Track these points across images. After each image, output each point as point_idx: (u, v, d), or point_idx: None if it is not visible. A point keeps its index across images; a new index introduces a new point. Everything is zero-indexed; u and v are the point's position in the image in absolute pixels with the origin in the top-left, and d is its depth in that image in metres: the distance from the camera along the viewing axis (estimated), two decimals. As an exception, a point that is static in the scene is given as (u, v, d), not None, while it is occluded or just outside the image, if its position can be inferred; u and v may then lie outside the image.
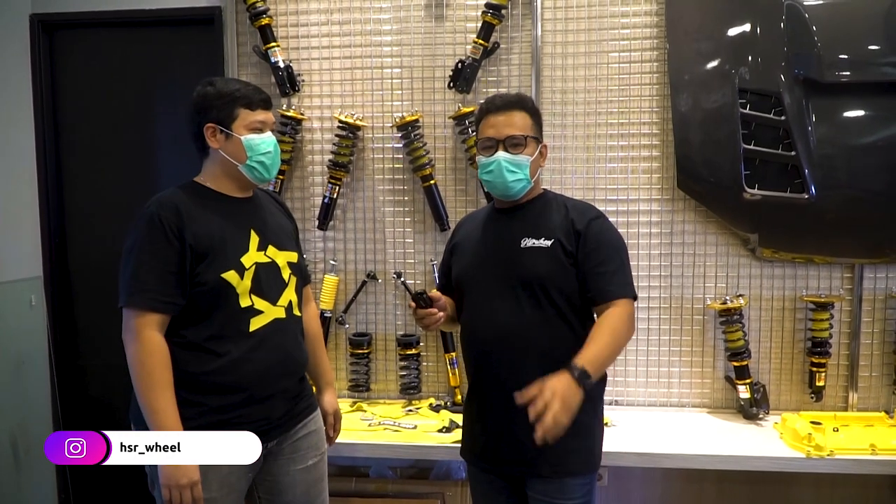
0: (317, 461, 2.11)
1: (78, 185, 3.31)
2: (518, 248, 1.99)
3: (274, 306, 1.96)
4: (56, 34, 3.26)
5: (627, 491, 2.97)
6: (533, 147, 2.02)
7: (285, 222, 2.14)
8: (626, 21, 2.86)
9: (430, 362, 3.04)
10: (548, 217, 2.03)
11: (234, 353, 1.88)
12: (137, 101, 3.25)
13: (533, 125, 2.03)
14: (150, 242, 1.83)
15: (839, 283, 2.83)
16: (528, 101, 2.08)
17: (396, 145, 2.98)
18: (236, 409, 1.89)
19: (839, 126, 2.66)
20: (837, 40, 2.64)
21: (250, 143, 1.94)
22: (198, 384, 1.86)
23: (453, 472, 2.95)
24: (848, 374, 2.84)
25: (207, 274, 1.86)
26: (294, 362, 2.02)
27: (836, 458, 2.42)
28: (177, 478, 1.79)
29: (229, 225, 1.94)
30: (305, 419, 2.08)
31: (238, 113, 1.94)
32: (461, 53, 2.90)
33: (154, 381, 1.80)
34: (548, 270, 1.96)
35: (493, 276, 2.03)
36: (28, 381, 3.22)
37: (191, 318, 1.87)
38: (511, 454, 2.00)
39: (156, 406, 1.80)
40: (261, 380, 1.92)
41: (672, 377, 2.93)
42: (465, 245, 2.15)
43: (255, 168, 1.96)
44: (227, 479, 1.90)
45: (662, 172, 2.88)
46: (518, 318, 1.97)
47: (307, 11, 3.00)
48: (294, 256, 2.07)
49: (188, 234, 1.84)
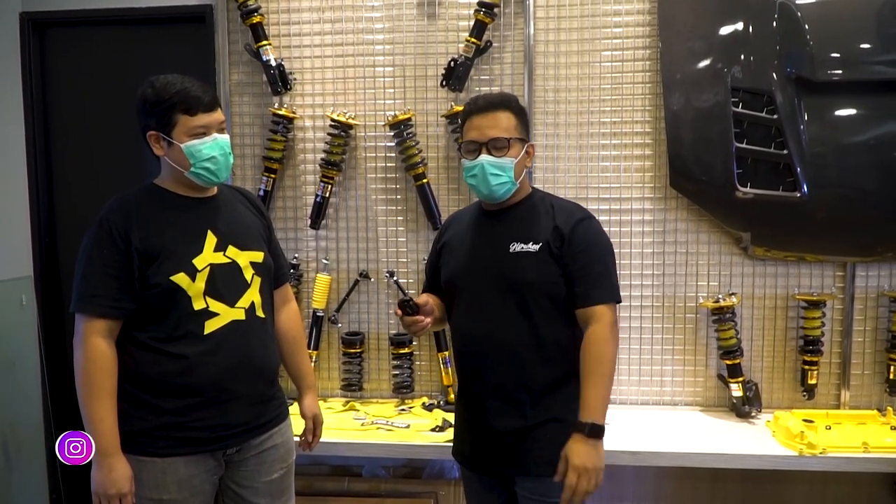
0: (283, 473, 2.06)
1: (68, 184, 3.30)
2: (507, 254, 1.98)
3: (232, 308, 1.91)
4: (46, 32, 3.24)
5: (620, 489, 2.98)
6: (518, 148, 1.99)
7: (253, 221, 2.07)
8: (618, 20, 2.86)
9: (422, 361, 3.04)
10: (535, 220, 2.01)
11: (189, 356, 1.85)
12: (128, 100, 3.19)
13: (518, 125, 2.00)
14: (98, 247, 1.83)
15: (831, 281, 2.84)
16: (512, 100, 2.04)
17: (389, 144, 2.98)
18: (191, 412, 1.86)
19: (831, 125, 2.67)
20: (830, 39, 2.64)
21: (191, 150, 1.87)
22: (153, 386, 1.85)
23: (446, 471, 2.95)
24: (840, 372, 2.85)
25: (157, 276, 1.83)
26: (256, 365, 1.96)
27: (828, 456, 2.42)
28: (105, 487, 1.80)
29: (183, 227, 1.91)
30: (272, 429, 2.02)
31: (177, 119, 1.85)
32: (454, 52, 2.89)
33: (94, 388, 1.80)
34: (536, 276, 1.95)
35: (482, 280, 2.02)
36: (19, 380, 3.20)
37: (146, 320, 1.86)
38: (499, 455, 2.01)
39: (92, 414, 1.80)
40: (216, 383, 1.88)
41: (665, 375, 2.94)
42: (453, 246, 2.13)
43: (200, 174, 1.90)
44: (187, 482, 1.88)
45: (655, 171, 2.88)
46: (507, 322, 1.97)
47: (299, 9, 2.98)
48: (259, 256, 2.00)
49: (135, 238, 1.83)
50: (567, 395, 1.94)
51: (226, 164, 1.94)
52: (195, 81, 1.90)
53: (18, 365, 3.19)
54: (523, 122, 2.03)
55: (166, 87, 1.86)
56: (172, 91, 1.85)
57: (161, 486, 1.85)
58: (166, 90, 1.86)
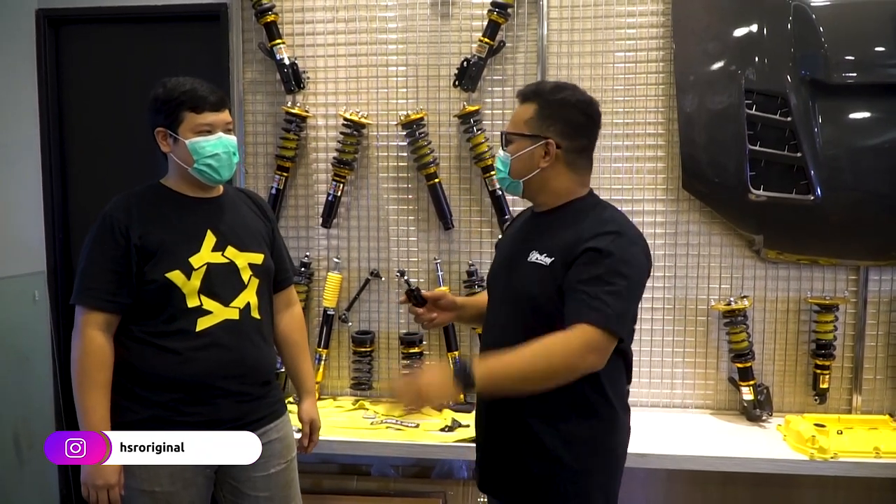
0: (281, 469, 2.06)
1: (82, 180, 3.32)
2: (524, 261, 1.79)
3: (226, 307, 1.94)
4: (62, 30, 3.26)
5: (630, 492, 2.95)
6: (523, 143, 1.80)
7: (256, 223, 2.08)
8: (632, 21, 2.86)
9: (433, 361, 3.04)
10: (562, 230, 1.76)
11: (180, 351, 1.89)
12: (142, 97, 3.21)
13: (535, 119, 1.78)
14: (100, 242, 1.89)
15: (844, 284, 2.82)
16: (543, 91, 1.82)
17: (401, 143, 2.98)
18: (181, 406, 1.89)
19: (845, 127, 2.66)
20: (844, 41, 2.63)
21: (195, 146, 1.90)
22: (144, 378, 1.89)
23: (455, 471, 2.95)
24: (852, 376, 2.83)
25: (153, 273, 1.87)
26: (247, 365, 1.96)
27: (839, 461, 2.41)
28: (93, 478, 1.84)
29: (183, 225, 1.94)
30: (267, 426, 2.02)
31: (184, 116, 1.91)
32: (467, 52, 2.89)
33: (89, 380, 1.85)
34: (541, 291, 1.73)
35: (499, 287, 1.90)
36: (31, 376, 3.22)
37: (142, 315, 1.90)
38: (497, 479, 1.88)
39: (85, 404, 1.85)
40: (205, 379, 1.90)
41: (675, 378, 2.93)
42: (499, 247, 2.04)
43: (203, 171, 1.93)
44: (179, 474, 1.90)
45: (668, 173, 2.87)
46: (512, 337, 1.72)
47: (313, 9, 2.99)
48: (259, 258, 2.02)
49: (134, 235, 1.87)
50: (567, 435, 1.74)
51: (229, 163, 1.96)
52: (205, 83, 1.96)
53: (31, 360, 3.21)
54: (550, 116, 1.78)
55: (176, 87, 1.93)
56: (181, 90, 1.92)
57: (153, 478, 1.88)
58: (176, 89, 1.92)
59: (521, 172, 1.82)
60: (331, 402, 2.99)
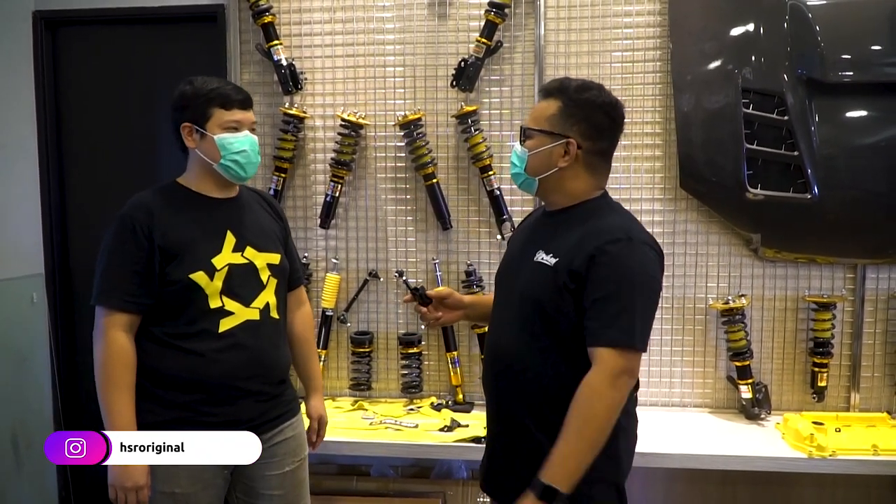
0: (295, 467, 2.08)
1: (80, 182, 3.31)
2: (530, 262, 1.76)
3: (247, 308, 1.95)
4: (59, 31, 3.26)
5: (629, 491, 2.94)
6: (542, 140, 1.76)
7: (271, 223, 2.11)
8: (629, 20, 2.86)
9: (431, 361, 3.04)
10: (569, 231, 1.73)
11: (203, 352, 1.89)
12: (140, 99, 3.24)
13: (559, 116, 1.74)
14: (121, 243, 1.89)
15: (841, 283, 2.83)
16: (569, 88, 1.77)
17: (399, 144, 2.98)
18: (202, 407, 1.90)
19: (842, 126, 2.66)
20: (841, 40, 2.64)
21: (223, 142, 1.93)
22: (166, 379, 1.89)
23: (454, 471, 2.94)
24: (850, 374, 2.84)
25: (176, 274, 1.88)
26: (266, 365, 1.99)
27: (838, 459, 2.42)
28: (122, 480, 1.83)
29: (204, 226, 1.95)
30: (282, 424, 2.04)
31: (213, 112, 1.94)
32: (464, 52, 2.89)
33: (113, 382, 1.84)
34: (543, 293, 1.71)
35: (505, 286, 1.88)
36: (29, 377, 3.22)
37: (163, 316, 1.90)
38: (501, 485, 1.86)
39: (111, 406, 1.84)
40: (228, 380, 1.91)
41: (674, 377, 2.93)
42: (511, 241, 2.01)
43: (229, 167, 1.95)
44: (199, 475, 1.90)
45: (665, 172, 2.87)
46: (517, 341, 1.75)
47: (310, 9, 2.99)
48: (276, 258, 2.04)
49: (157, 235, 1.88)
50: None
51: (253, 160, 1.99)
52: (231, 83, 2.02)
53: (29, 361, 3.21)
54: (573, 115, 1.74)
55: (205, 84, 1.96)
56: (210, 87, 1.95)
57: (173, 479, 1.88)
58: (205, 87, 1.96)
59: (537, 170, 1.78)
60: (330, 402, 2.98)
